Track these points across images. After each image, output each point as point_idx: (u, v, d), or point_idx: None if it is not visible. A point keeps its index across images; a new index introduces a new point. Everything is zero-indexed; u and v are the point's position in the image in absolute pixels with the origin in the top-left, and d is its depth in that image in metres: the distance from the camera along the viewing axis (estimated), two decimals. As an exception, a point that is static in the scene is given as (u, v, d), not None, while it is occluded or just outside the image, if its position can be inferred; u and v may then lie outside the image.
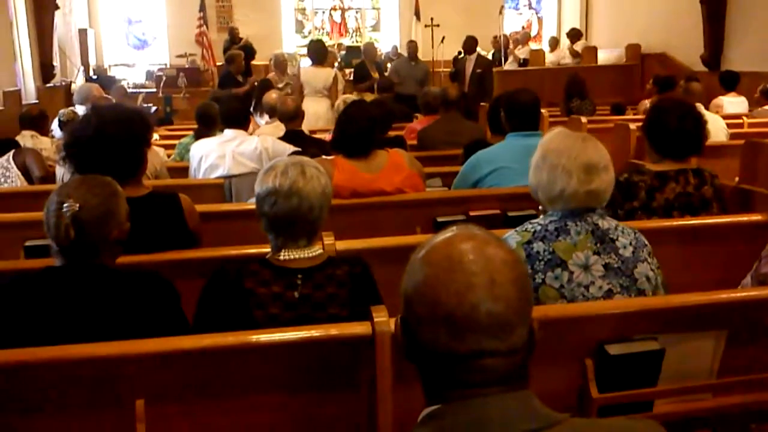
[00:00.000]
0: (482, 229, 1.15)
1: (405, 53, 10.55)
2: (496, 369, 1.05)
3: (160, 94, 12.30)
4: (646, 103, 7.37)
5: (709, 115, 5.27)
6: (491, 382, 1.05)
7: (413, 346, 1.11)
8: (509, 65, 12.62)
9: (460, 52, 10.94)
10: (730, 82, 8.06)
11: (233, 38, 12.43)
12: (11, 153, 4.98)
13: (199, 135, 5.13)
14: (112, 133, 2.62)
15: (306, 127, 6.61)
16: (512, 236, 2.24)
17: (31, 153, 5.07)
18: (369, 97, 7.80)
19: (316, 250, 2.15)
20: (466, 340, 1.04)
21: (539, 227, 2.22)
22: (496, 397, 1.04)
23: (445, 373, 1.07)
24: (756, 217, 3.06)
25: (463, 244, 1.09)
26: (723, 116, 6.86)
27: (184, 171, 4.63)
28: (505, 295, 1.05)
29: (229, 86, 8.70)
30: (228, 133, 4.41)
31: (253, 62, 12.02)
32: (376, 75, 9.43)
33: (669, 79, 7.49)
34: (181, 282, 2.25)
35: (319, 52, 8.27)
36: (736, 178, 4.55)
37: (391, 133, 5.57)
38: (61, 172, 3.82)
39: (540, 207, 2.35)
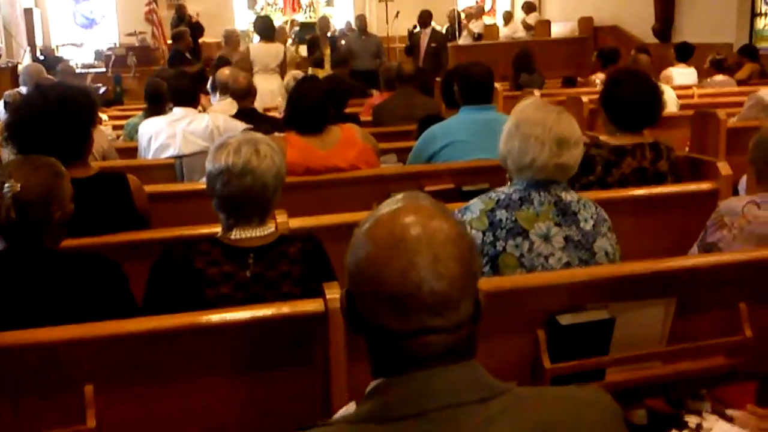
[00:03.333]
0: (429, 199, 1.14)
1: (356, 28, 10.47)
2: (441, 344, 1.04)
3: (110, 74, 12.04)
4: (595, 78, 7.44)
5: (662, 86, 5.34)
6: (436, 356, 1.04)
7: (358, 321, 1.10)
8: (464, 40, 12.61)
9: (415, 26, 10.91)
10: (684, 53, 8.16)
11: (181, 16, 12.19)
12: None
13: (148, 114, 5.02)
14: (56, 112, 2.56)
15: (259, 104, 6.54)
16: (476, 204, 2.25)
17: None
18: (321, 73, 7.73)
19: (268, 228, 2.12)
20: (410, 319, 1.03)
21: (503, 195, 2.23)
22: (441, 369, 1.04)
23: (390, 349, 1.06)
24: (705, 186, 3.11)
25: (406, 218, 1.07)
26: (673, 87, 6.96)
27: (133, 151, 4.52)
28: (448, 272, 1.04)
29: (179, 64, 8.53)
30: (177, 111, 4.31)
31: (205, 40, 11.84)
32: (327, 51, 9.33)
33: (612, 52, 7.57)
34: (131, 264, 2.22)
35: (266, 28, 8.13)
36: (686, 148, 4.63)
37: (348, 110, 5.52)
38: (6, 154, 3.70)
39: (507, 175, 2.35)
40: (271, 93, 7.58)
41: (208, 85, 6.25)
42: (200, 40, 10.91)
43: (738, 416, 1.90)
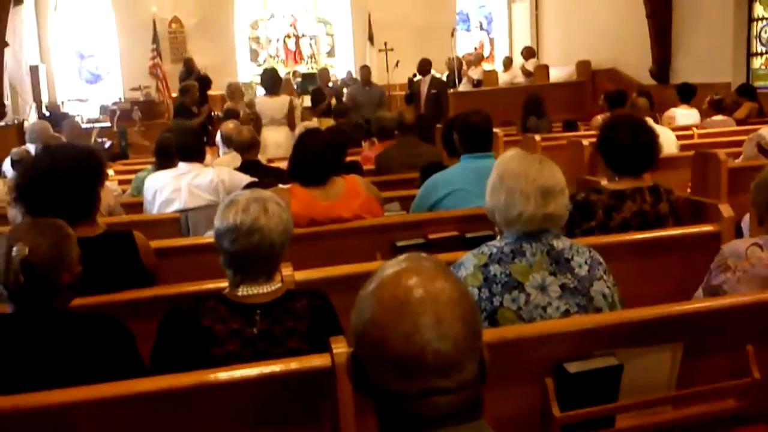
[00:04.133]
0: (430, 259, 1.15)
1: (359, 79, 10.63)
2: (447, 405, 1.05)
3: (115, 129, 12.18)
4: (599, 119, 7.50)
5: (659, 128, 5.39)
6: (443, 417, 1.05)
7: (364, 382, 1.11)
8: (463, 86, 12.76)
9: (415, 75, 11.05)
10: (687, 94, 8.25)
11: (189, 69, 12.37)
12: None
13: (157, 169, 5.07)
14: (64, 173, 2.60)
15: (267, 156, 6.61)
16: (469, 259, 2.25)
17: None
18: (326, 122, 7.83)
19: (275, 284, 2.13)
20: (414, 381, 1.04)
21: (495, 249, 2.23)
22: (447, 430, 1.04)
23: (396, 410, 1.07)
24: (707, 228, 3.12)
25: (409, 281, 1.08)
26: (674, 128, 7.01)
27: (140, 206, 4.57)
28: (452, 333, 1.05)
29: (184, 117, 8.65)
30: (182, 166, 4.37)
31: (210, 92, 11.99)
32: (333, 101, 9.47)
33: (620, 94, 7.65)
34: (138, 322, 2.23)
35: (271, 81, 8.28)
36: (688, 189, 4.65)
37: (348, 159, 5.58)
38: (13, 214, 3.74)
39: (496, 228, 2.37)
40: (276, 144, 7.67)
41: (217, 139, 6.32)
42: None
43: None
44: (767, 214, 2.44)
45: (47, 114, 12.48)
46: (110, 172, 6.39)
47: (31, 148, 6.12)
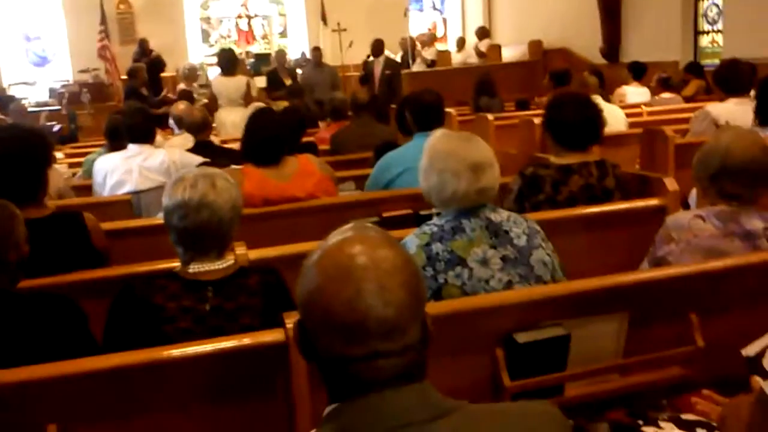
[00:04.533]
0: (374, 228, 1.18)
1: (312, 60, 10.58)
2: (391, 367, 1.07)
3: (64, 112, 11.89)
4: (545, 99, 7.59)
5: (607, 105, 5.47)
6: (387, 380, 1.07)
7: (310, 349, 1.13)
8: (417, 66, 12.76)
9: (369, 56, 11.03)
10: (638, 72, 8.38)
11: (143, 50, 12.15)
12: None
13: (108, 151, 4.99)
14: (9, 155, 2.56)
15: (224, 136, 6.55)
16: (411, 240, 2.29)
17: None
18: (282, 104, 7.77)
19: (227, 261, 2.13)
20: (359, 345, 1.07)
21: (436, 228, 2.27)
22: (392, 392, 1.07)
23: (342, 374, 1.10)
24: (653, 202, 3.19)
25: (353, 248, 1.10)
26: (624, 106, 7.13)
27: (90, 189, 4.50)
28: (395, 299, 1.07)
29: (134, 100, 8.50)
30: (133, 147, 4.31)
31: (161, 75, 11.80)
32: (289, 81, 9.40)
33: (564, 73, 7.72)
34: (90, 303, 2.21)
35: (229, 61, 8.19)
36: (637, 165, 4.75)
37: (304, 139, 5.56)
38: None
39: (433, 210, 2.41)
40: (233, 125, 7.61)
41: (170, 121, 6.25)
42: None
43: (698, 402, 1.96)
44: (709, 188, 2.51)
45: (-7, 97, 12.16)
46: (60, 155, 6.28)
47: (-24, 131, 5.96)
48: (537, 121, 5.51)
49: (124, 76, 11.28)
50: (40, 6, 15.03)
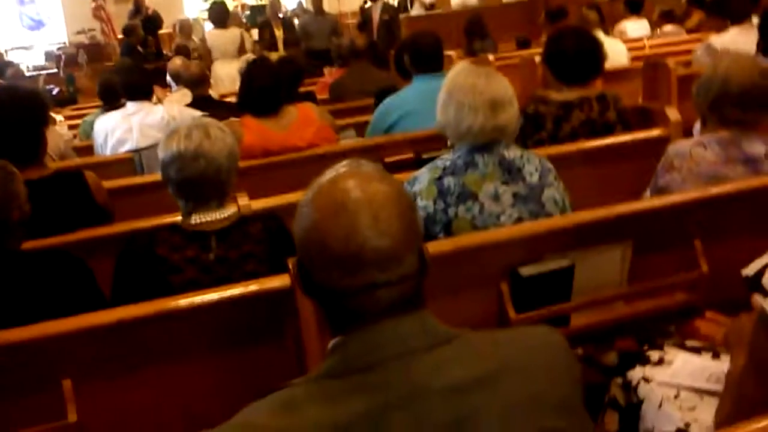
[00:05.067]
0: (367, 163, 1.18)
1: (311, 8, 10.44)
2: (389, 297, 1.09)
3: (62, 74, 11.84)
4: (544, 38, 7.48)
5: (607, 39, 5.40)
6: (386, 309, 1.09)
7: (310, 285, 1.14)
8: (415, 10, 12.54)
9: (365, 1, 10.87)
10: (635, 6, 8.23)
11: (138, 8, 12.01)
12: None
13: (104, 111, 4.97)
14: (7, 116, 2.56)
15: (221, 90, 6.51)
16: (423, 174, 2.30)
17: None
18: (275, 55, 7.70)
19: (228, 210, 2.14)
20: (357, 277, 1.08)
21: (449, 163, 2.28)
22: (391, 321, 1.08)
23: (342, 307, 1.11)
24: (655, 133, 3.17)
25: (346, 183, 1.11)
26: (626, 40, 7.03)
27: (90, 150, 4.50)
28: (389, 230, 1.08)
29: (132, 58, 8.45)
30: (131, 105, 4.28)
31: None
32: (279, 32, 9.29)
33: (559, 10, 7.61)
34: (96, 260, 2.23)
35: (220, 14, 8.12)
36: (640, 99, 4.70)
37: (303, 89, 5.51)
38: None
39: (448, 143, 2.40)
40: (230, 78, 7.56)
41: (168, 77, 6.21)
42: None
43: (702, 325, 1.99)
44: (710, 115, 2.49)
45: (-10, 64, 12.09)
46: (60, 117, 6.26)
47: (-25, 98, 5.93)
48: (537, 59, 5.46)
49: (121, 36, 11.16)
50: (32, -32, 14.85)
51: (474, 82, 2.25)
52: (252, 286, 1.93)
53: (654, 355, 1.98)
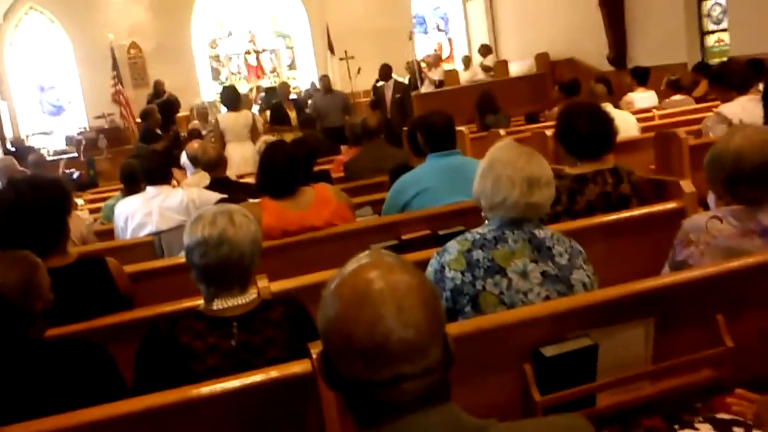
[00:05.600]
0: (389, 254, 1.19)
1: (320, 88, 10.68)
2: (415, 390, 1.08)
3: (82, 158, 12.10)
4: (556, 110, 7.59)
5: (617, 112, 5.47)
6: (413, 402, 1.08)
7: (334, 378, 1.14)
8: (425, 88, 12.83)
9: (378, 80, 11.11)
10: (642, 77, 8.36)
11: (157, 92, 12.34)
12: None
13: (125, 195, 5.05)
14: (30, 206, 2.60)
15: (234, 172, 6.61)
16: (453, 245, 2.31)
17: None
18: (289, 136, 7.84)
19: (250, 295, 2.15)
20: (381, 369, 1.07)
21: (478, 236, 2.30)
22: (419, 415, 1.07)
23: (367, 400, 1.10)
24: (670, 205, 3.18)
25: (369, 274, 1.12)
26: (634, 111, 7.11)
27: (111, 233, 4.55)
28: (413, 320, 1.08)
29: (150, 142, 8.62)
30: (151, 189, 4.36)
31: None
32: (292, 113, 9.48)
33: (573, 84, 7.73)
34: (118, 347, 2.23)
35: (232, 98, 8.32)
36: (652, 167, 4.73)
37: (317, 168, 5.60)
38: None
39: (482, 214, 2.41)
40: (243, 159, 7.68)
41: (183, 160, 6.31)
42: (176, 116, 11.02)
43: (733, 403, 1.94)
44: (723, 189, 2.49)
45: (12, 149, 12.36)
46: (80, 201, 6.36)
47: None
48: (549, 132, 5.53)
49: (139, 120, 11.42)
50: (53, 56, 15.32)
51: (516, 157, 2.29)
52: (273, 373, 1.93)
53: (684, 434, 1.94)
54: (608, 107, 3.83)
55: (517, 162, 2.27)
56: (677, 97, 7.86)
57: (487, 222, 2.36)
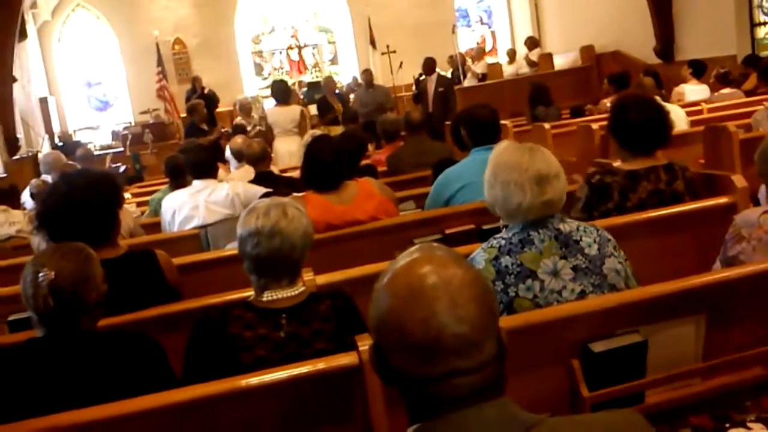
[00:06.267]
0: (441, 248, 1.18)
1: (362, 82, 10.70)
2: (470, 385, 1.07)
3: (128, 153, 12.32)
4: (606, 103, 7.50)
5: (668, 106, 5.38)
6: (467, 397, 1.07)
7: (388, 372, 1.13)
8: (468, 81, 12.77)
9: (420, 74, 11.08)
10: (699, 70, 8.19)
11: (195, 88, 12.50)
12: None
13: (172, 189, 5.13)
14: (82, 199, 2.65)
15: (280, 166, 6.67)
16: (479, 254, 2.27)
17: None
18: (336, 130, 7.86)
19: (298, 288, 2.17)
20: (436, 364, 1.07)
21: (503, 241, 2.25)
22: (474, 409, 1.07)
23: (421, 394, 1.10)
24: (722, 200, 3.11)
25: (422, 268, 1.11)
26: (683, 104, 6.99)
27: (158, 226, 4.63)
28: (468, 315, 1.07)
29: (195, 136, 8.73)
30: (197, 183, 4.42)
31: (217, 109, 12.09)
32: (339, 107, 9.52)
33: (623, 76, 7.61)
34: (167, 337, 2.27)
35: (282, 92, 8.37)
36: (701, 161, 4.65)
37: (362, 162, 5.61)
38: (36, 242, 3.81)
39: (500, 223, 2.38)
40: (290, 154, 7.74)
41: (227, 154, 6.38)
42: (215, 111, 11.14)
43: None
44: (776, 184, 2.44)
45: (60, 144, 12.64)
46: (127, 195, 6.48)
47: (48, 178, 6.19)
48: (595, 126, 5.47)
49: (184, 115, 11.57)
50: (99, 52, 15.62)
51: (518, 159, 2.22)
52: (320, 365, 1.94)
53: (736, 433, 1.91)
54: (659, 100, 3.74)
55: (520, 164, 2.20)
56: (726, 91, 7.69)
57: (509, 225, 2.30)
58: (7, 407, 1.90)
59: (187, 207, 4.33)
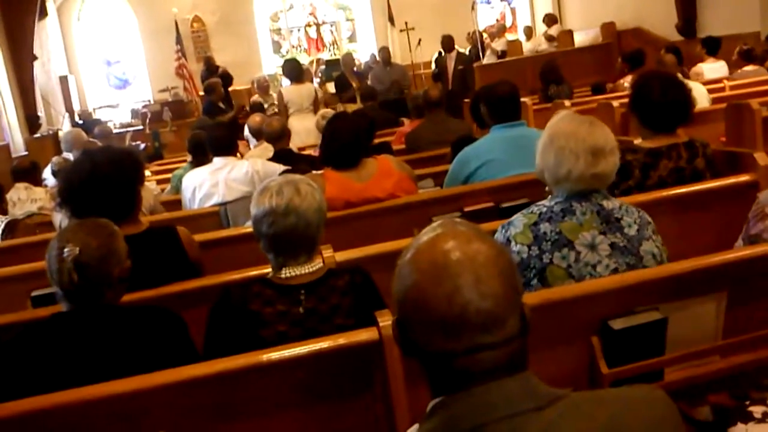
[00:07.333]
0: (465, 223, 1.18)
1: (380, 60, 10.66)
2: (493, 359, 1.08)
3: (147, 131, 12.37)
4: (623, 83, 7.42)
5: (690, 83, 5.32)
6: (490, 371, 1.08)
7: (411, 346, 1.14)
8: (488, 59, 12.66)
9: (440, 52, 11.02)
10: (713, 47, 8.09)
11: (209, 67, 12.49)
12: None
13: (194, 165, 5.15)
14: (105, 175, 2.66)
15: (297, 143, 6.68)
16: (519, 218, 2.29)
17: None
18: (352, 107, 7.85)
19: (316, 264, 2.19)
20: (460, 339, 1.07)
21: (545, 209, 2.26)
22: (497, 383, 1.07)
23: (445, 369, 1.10)
24: (744, 178, 3.08)
25: (446, 244, 1.11)
26: (704, 82, 6.90)
27: (179, 203, 4.66)
28: (492, 291, 1.08)
29: (214, 115, 8.75)
30: (217, 161, 4.44)
31: (236, 87, 12.08)
32: (356, 84, 9.49)
33: (637, 54, 7.50)
34: (188, 312, 2.29)
35: (294, 70, 8.36)
36: (723, 139, 4.60)
37: (378, 141, 5.60)
38: (59, 218, 3.86)
39: (546, 189, 2.38)
40: (306, 131, 7.75)
41: (245, 132, 6.41)
42: (230, 89, 11.13)
43: None
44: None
45: (80, 122, 12.73)
46: (147, 172, 6.52)
47: (69, 156, 6.25)
48: (616, 104, 5.41)
49: (202, 93, 11.59)
50: (118, 31, 15.65)
51: (577, 128, 2.23)
52: (341, 340, 1.95)
53: (756, 410, 1.91)
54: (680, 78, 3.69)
55: (578, 133, 2.21)
56: (749, 68, 7.58)
57: (552, 194, 2.32)
58: (33, 381, 1.93)
59: (207, 184, 4.37)
